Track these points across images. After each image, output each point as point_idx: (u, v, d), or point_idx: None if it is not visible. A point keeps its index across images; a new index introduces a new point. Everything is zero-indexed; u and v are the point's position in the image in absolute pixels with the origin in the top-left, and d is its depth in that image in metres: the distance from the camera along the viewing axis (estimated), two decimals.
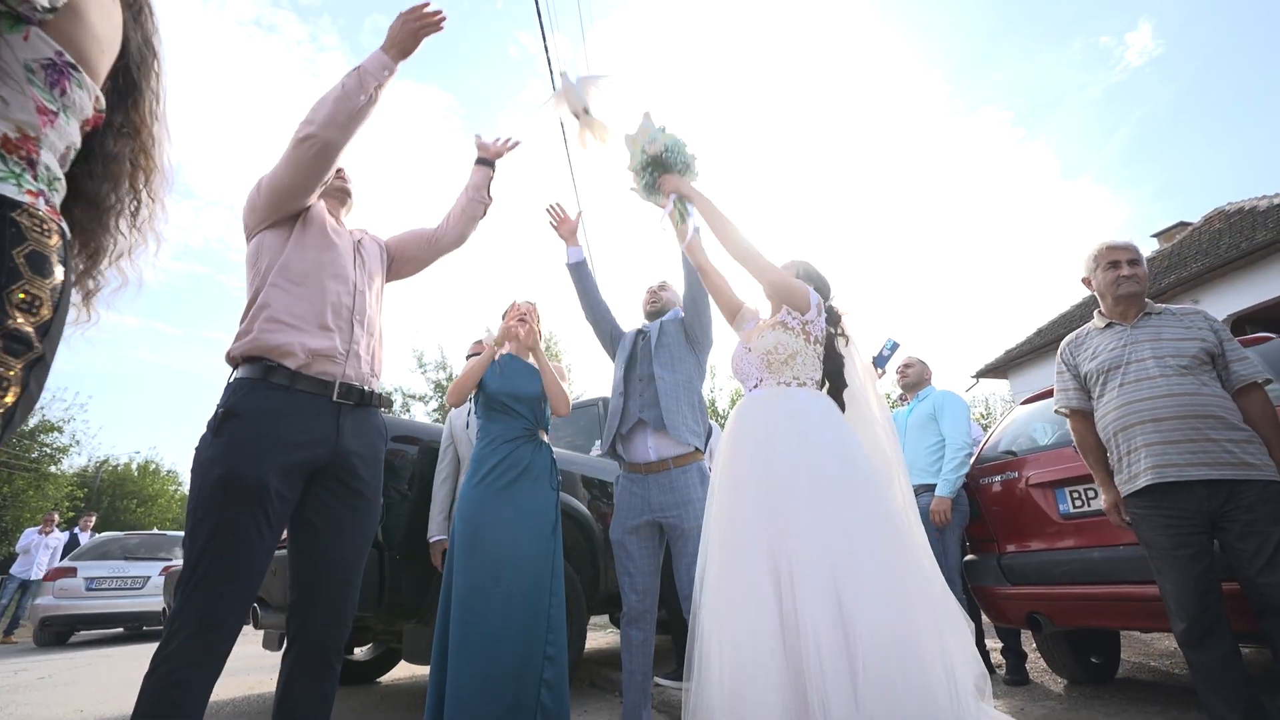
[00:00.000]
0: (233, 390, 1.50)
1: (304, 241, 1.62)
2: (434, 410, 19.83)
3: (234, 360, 1.55)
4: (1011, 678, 3.08)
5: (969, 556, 2.94)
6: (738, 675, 1.49)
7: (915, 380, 3.51)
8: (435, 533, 2.67)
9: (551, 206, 2.67)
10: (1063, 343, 2.27)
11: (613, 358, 2.62)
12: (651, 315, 2.63)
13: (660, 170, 2.04)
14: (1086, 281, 2.23)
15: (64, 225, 0.72)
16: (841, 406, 1.88)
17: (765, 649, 1.49)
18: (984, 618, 3.16)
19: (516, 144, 2.13)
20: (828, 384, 1.92)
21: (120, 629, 7.99)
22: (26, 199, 0.67)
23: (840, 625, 1.45)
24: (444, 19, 1.58)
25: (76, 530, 9.19)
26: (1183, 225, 12.97)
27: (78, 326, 0.82)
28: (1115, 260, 2.13)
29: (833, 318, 1.96)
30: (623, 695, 2.26)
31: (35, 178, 0.68)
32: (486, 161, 2.07)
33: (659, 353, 2.40)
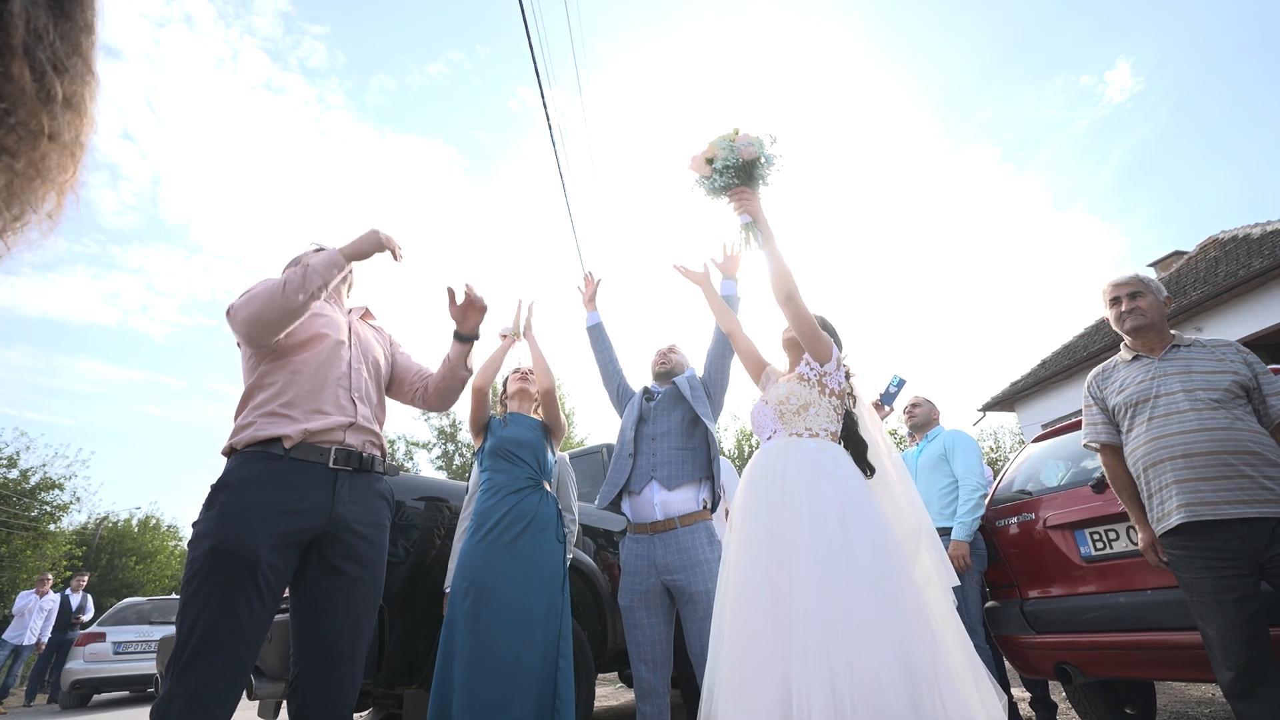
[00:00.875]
0: (229, 464, 1.48)
1: (293, 338, 1.60)
2: (437, 458, 19.69)
3: (232, 452, 1.52)
4: None
5: (990, 603, 2.84)
6: None
7: (923, 420, 3.46)
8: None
9: (586, 275, 2.80)
10: (1090, 375, 2.21)
11: (620, 414, 2.61)
12: (661, 376, 2.63)
13: (743, 178, 1.84)
14: (1108, 320, 2.21)
15: None
16: (864, 467, 1.85)
17: (770, 713, 1.43)
18: (1008, 665, 3.03)
19: (485, 307, 1.99)
20: (843, 443, 1.89)
21: (127, 691, 8.10)
22: None
23: (831, 689, 1.38)
24: (403, 257, 1.71)
25: (68, 592, 8.97)
26: (1179, 254, 13.08)
27: None
28: (1116, 297, 2.12)
29: (845, 374, 1.95)
30: None
31: None
32: (463, 337, 1.96)
33: (699, 405, 2.41)
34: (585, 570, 3.14)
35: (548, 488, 2.44)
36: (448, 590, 2.54)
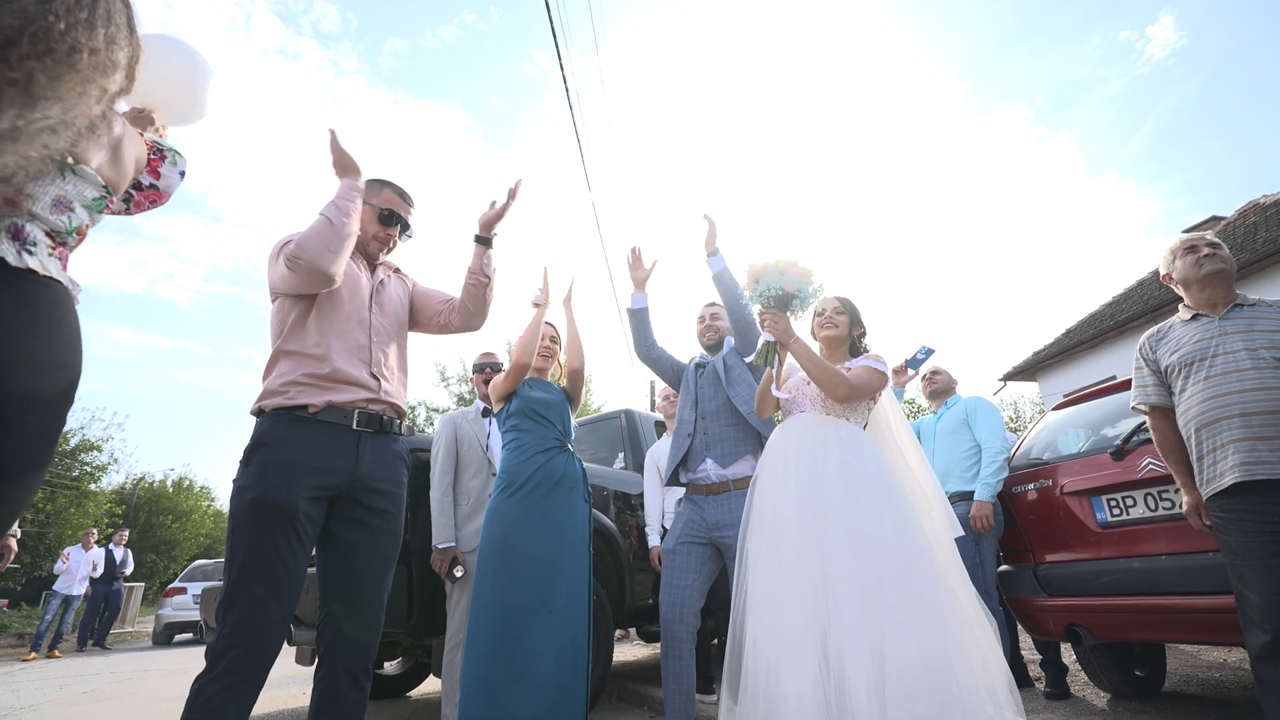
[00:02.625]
0: (260, 425, 1.58)
1: (324, 306, 1.67)
2: None
3: (261, 412, 1.61)
4: (1052, 691, 2.99)
5: (1004, 567, 2.87)
6: (778, 702, 1.51)
7: (942, 388, 3.46)
8: (444, 539, 2.57)
9: (633, 249, 2.69)
10: (1143, 336, 2.14)
11: (677, 389, 2.63)
12: (711, 347, 2.60)
13: (779, 305, 1.88)
14: (1166, 278, 2.12)
15: None
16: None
17: (806, 679, 1.50)
18: (1020, 629, 3.08)
19: (506, 205, 1.96)
20: None
21: (191, 634, 10.60)
22: None
23: (873, 663, 1.48)
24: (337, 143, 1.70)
25: (111, 546, 9.46)
26: (1216, 219, 12.59)
27: None
28: (1193, 245, 2.03)
29: (855, 350, 2.04)
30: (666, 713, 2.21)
31: None
32: (482, 239, 1.96)
33: (732, 388, 2.39)
34: (605, 531, 3.23)
35: (571, 449, 2.49)
36: (439, 545, 2.57)
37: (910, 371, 3.35)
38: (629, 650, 5.73)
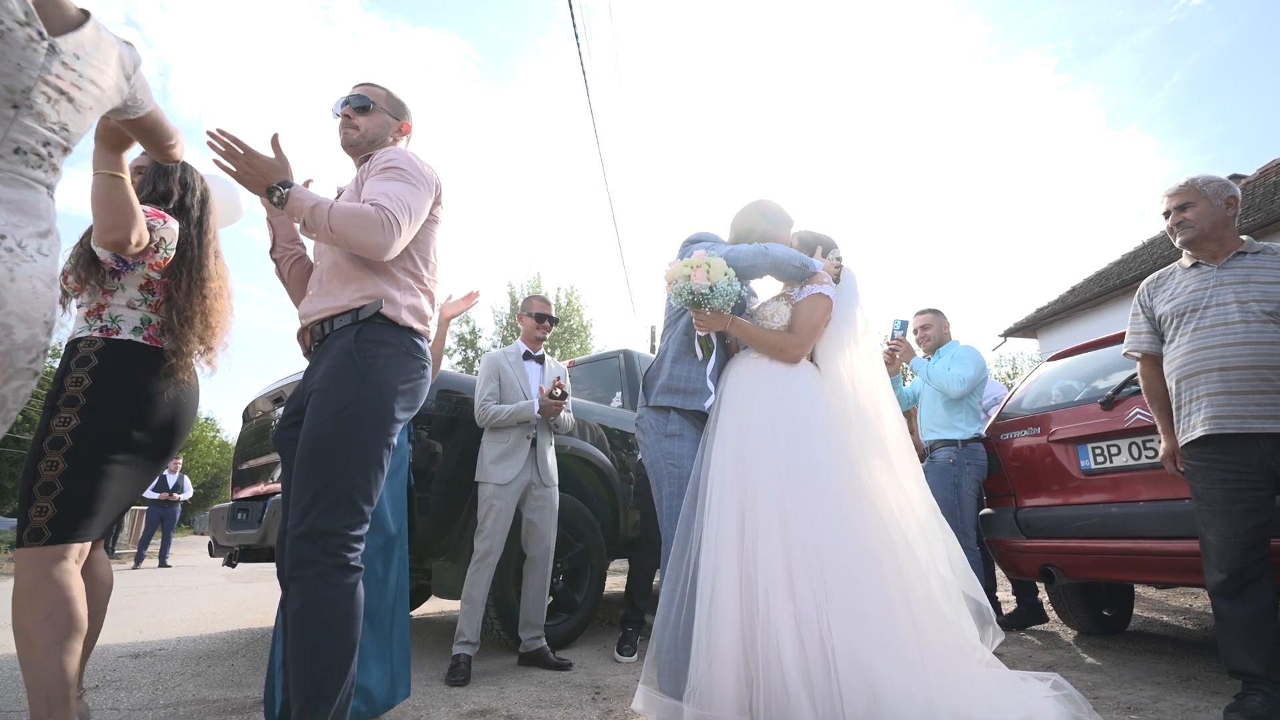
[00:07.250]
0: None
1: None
2: (457, 364, 20.18)
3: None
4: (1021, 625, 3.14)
5: (985, 510, 2.97)
6: (712, 647, 1.55)
7: (936, 340, 3.43)
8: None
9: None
10: (1143, 282, 2.15)
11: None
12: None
13: (695, 304, 1.86)
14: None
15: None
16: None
17: (728, 624, 1.55)
18: (998, 570, 3.21)
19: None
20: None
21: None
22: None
23: (797, 601, 1.51)
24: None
25: (165, 472, 9.79)
26: (1237, 178, 12.28)
27: None
28: (1166, 210, 2.03)
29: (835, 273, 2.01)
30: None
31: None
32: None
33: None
34: (601, 466, 3.31)
35: None
36: (479, 481, 2.67)
37: (895, 356, 3.32)
38: (621, 582, 5.98)
